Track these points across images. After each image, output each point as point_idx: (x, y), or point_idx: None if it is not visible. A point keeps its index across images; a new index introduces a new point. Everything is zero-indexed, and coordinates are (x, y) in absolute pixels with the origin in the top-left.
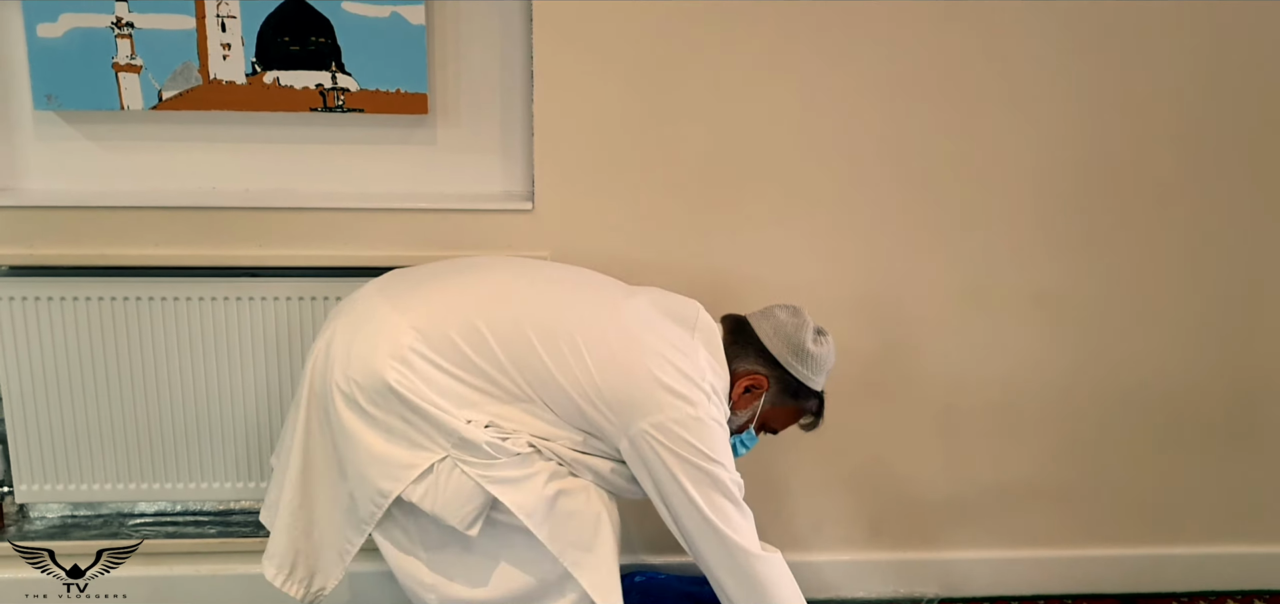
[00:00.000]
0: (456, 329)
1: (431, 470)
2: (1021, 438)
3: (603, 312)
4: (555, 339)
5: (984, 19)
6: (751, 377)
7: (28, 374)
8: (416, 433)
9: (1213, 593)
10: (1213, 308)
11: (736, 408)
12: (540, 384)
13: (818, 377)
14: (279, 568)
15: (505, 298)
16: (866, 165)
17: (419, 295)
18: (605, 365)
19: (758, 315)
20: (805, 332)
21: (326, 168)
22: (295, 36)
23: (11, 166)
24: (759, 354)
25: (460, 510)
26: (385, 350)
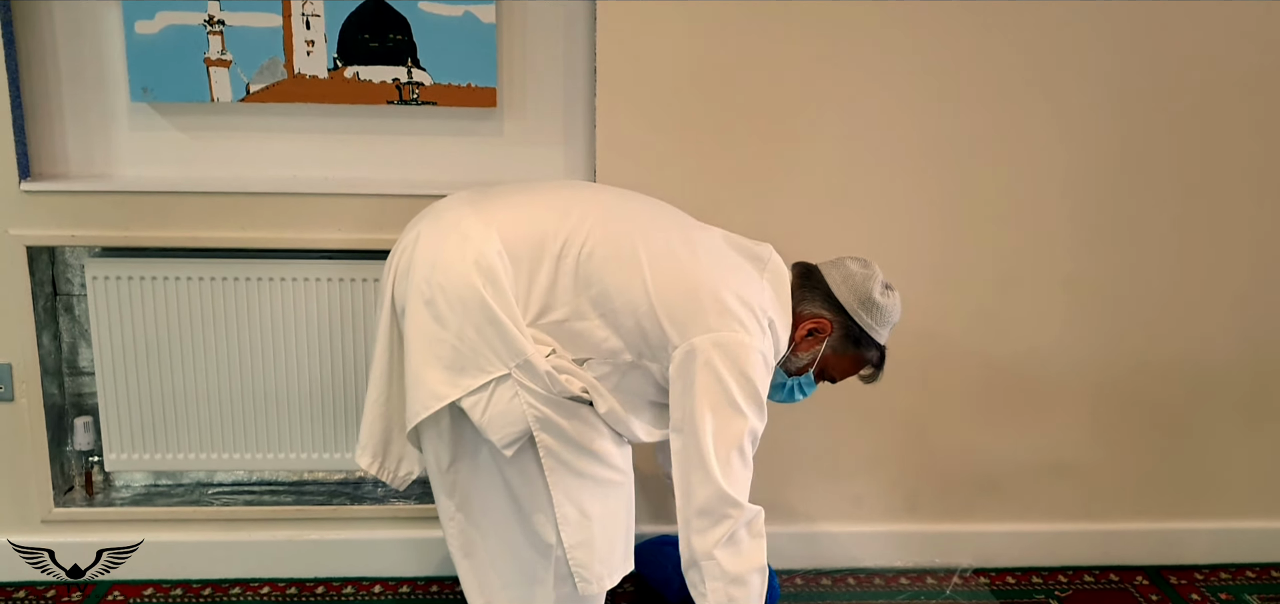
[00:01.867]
0: (536, 241)
1: (489, 386)
2: (1052, 416)
3: (674, 233)
4: (623, 252)
5: (1019, 20)
6: (816, 319)
7: (118, 349)
8: (485, 346)
9: (1235, 566)
10: (1236, 290)
11: (799, 350)
12: (603, 296)
13: (882, 328)
14: (373, 457)
15: (582, 214)
16: (908, 159)
17: (505, 207)
18: (669, 279)
19: (828, 264)
20: (874, 283)
21: (401, 157)
22: (374, 34)
23: (108, 155)
24: (826, 300)
25: (504, 430)
26: (471, 258)
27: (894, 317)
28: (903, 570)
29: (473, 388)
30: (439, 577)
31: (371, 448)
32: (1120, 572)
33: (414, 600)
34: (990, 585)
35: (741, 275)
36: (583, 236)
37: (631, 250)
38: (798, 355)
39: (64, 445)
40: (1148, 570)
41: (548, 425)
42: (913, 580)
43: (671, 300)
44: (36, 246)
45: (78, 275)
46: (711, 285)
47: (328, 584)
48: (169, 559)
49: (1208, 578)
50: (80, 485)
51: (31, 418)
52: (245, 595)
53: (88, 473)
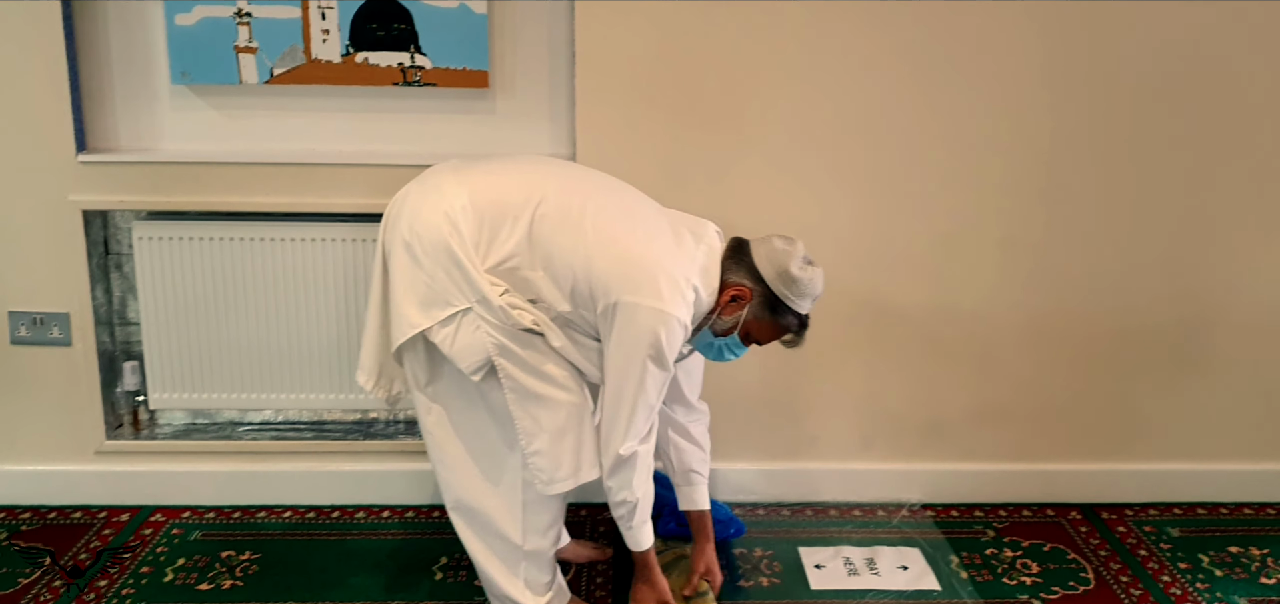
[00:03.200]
0: (501, 205)
1: (455, 318)
2: (993, 365)
3: (621, 209)
4: (571, 220)
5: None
6: (738, 288)
7: (161, 301)
8: (451, 284)
9: (1161, 504)
10: (1160, 247)
11: (723, 314)
12: (549, 258)
13: (800, 300)
14: (369, 376)
15: (545, 186)
16: (856, 133)
17: (480, 174)
18: (606, 248)
19: (758, 240)
20: (793, 258)
21: (405, 132)
22: (381, 23)
23: (152, 131)
24: (749, 271)
25: (470, 359)
26: (443, 211)
27: (813, 290)
28: (856, 504)
29: (441, 318)
30: (440, 504)
31: (369, 369)
32: (1056, 508)
33: (418, 524)
34: (935, 519)
35: (673, 249)
36: (539, 204)
37: (579, 220)
38: (722, 319)
39: (114, 387)
40: (1081, 507)
41: (506, 353)
42: (865, 513)
43: (605, 266)
44: (91, 210)
45: (126, 237)
46: (640, 256)
47: (343, 510)
48: (204, 486)
49: (1137, 514)
50: (128, 422)
51: (86, 362)
52: (270, 519)
53: (135, 411)
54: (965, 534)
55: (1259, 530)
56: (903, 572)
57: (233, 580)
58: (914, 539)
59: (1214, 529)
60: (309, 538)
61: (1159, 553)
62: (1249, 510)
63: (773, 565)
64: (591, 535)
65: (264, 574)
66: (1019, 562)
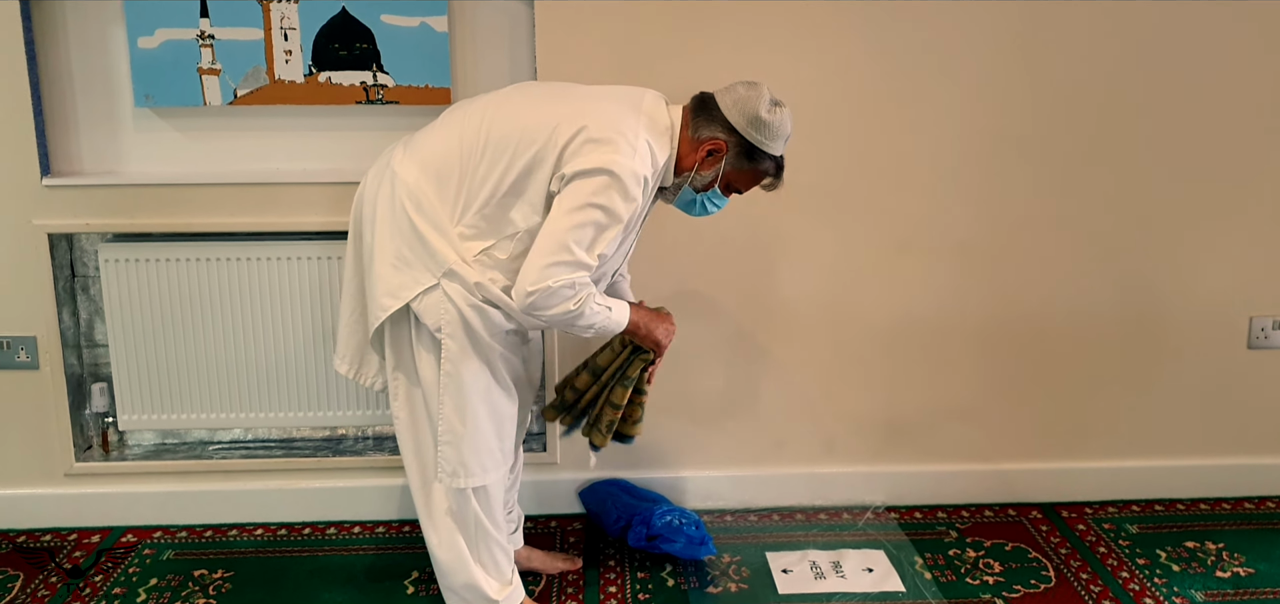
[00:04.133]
0: (448, 156)
1: (420, 296)
2: (953, 368)
3: (556, 92)
4: (512, 122)
5: (914, 13)
6: (713, 141)
7: (129, 322)
8: (416, 261)
9: (1120, 501)
10: (1112, 249)
11: (702, 169)
12: (505, 171)
13: (773, 142)
14: (349, 365)
15: (481, 116)
16: (815, 139)
17: (425, 137)
18: (549, 119)
19: (721, 90)
20: (761, 102)
21: (369, 149)
22: (344, 43)
23: (116, 153)
24: (720, 123)
25: (434, 322)
26: (402, 192)
27: (784, 130)
28: (821, 508)
29: (408, 298)
30: (411, 519)
31: (347, 358)
32: (1017, 508)
33: (389, 540)
34: (899, 520)
35: (615, 112)
36: (481, 132)
37: (516, 116)
38: (702, 174)
39: (83, 409)
40: (1042, 506)
41: (455, 333)
42: (830, 516)
43: (540, 142)
44: (56, 234)
45: (92, 259)
46: (571, 117)
47: (314, 526)
48: (175, 506)
49: (1096, 512)
50: (97, 443)
51: (54, 384)
52: (242, 537)
53: (104, 432)
54: (929, 535)
55: (1214, 525)
56: (868, 574)
57: (206, 599)
58: (879, 541)
59: (1171, 525)
60: (281, 555)
61: (1118, 549)
62: (1204, 505)
63: (740, 570)
64: (562, 546)
65: (237, 592)
66: (981, 561)
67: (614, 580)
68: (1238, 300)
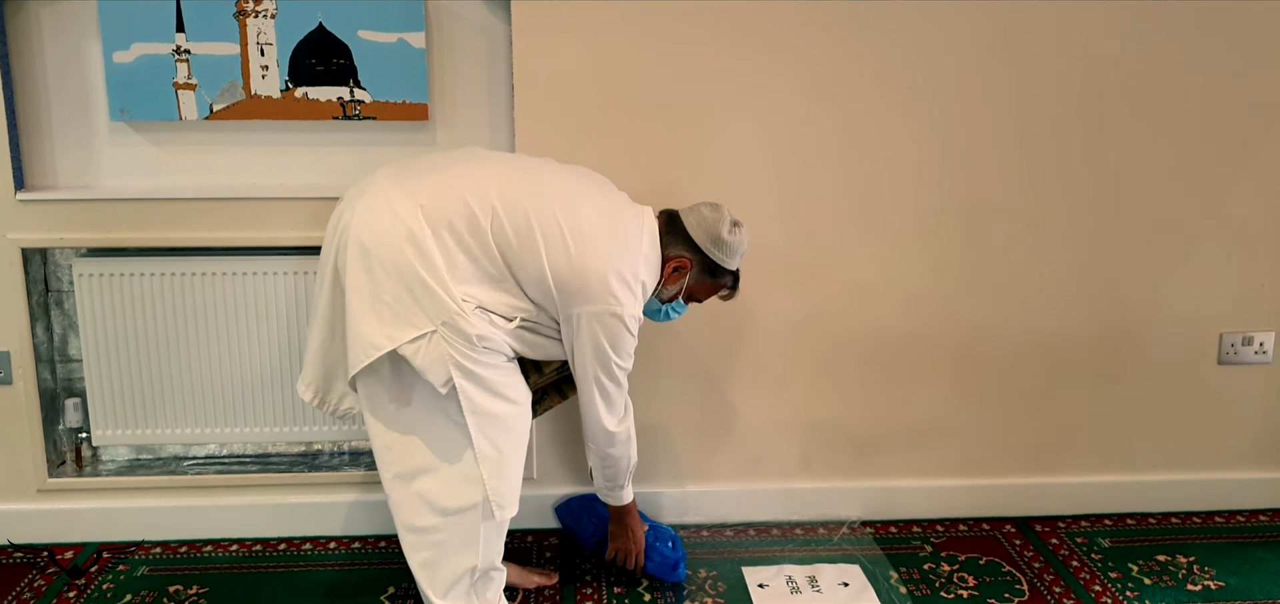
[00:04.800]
0: (453, 216)
1: (418, 341)
2: (927, 383)
3: (566, 209)
4: (523, 229)
5: (896, 33)
6: (679, 260)
7: (103, 337)
8: (416, 305)
9: (1092, 516)
10: (1083, 265)
11: (667, 284)
12: (509, 266)
13: (732, 259)
14: (315, 393)
15: (488, 190)
16: (787, 159)
17: (424, 185)
18: (561, 260)
19: (687, 210)
20: (722, 224)
21: (346, 165)
22: (320, 59)
23: (91, 168)
24: (685, 242)
25: (437, 374)
26: (402, 234)
27: (742, 248)
28: (797, 523)
29: (404, 341)
30: (386, 534)
31: (314, 385)
32: (991, 522)
33: (365, 555)
34: (874, 535)
35: (620, 250)
36: (492, 219)
37: (530, 229)
38: (667, 288)
39: (56, 424)
40: (1015, 520)
41: (467, 373)
42: (806, 532)
43: (562, 278)
44: (30, 248)
45: (66, 274)
46: (595, 268)
47: (289, 542)
48: (150, 523)
49: (1069, 526)
50: (71, 459)
51: (27, 400)
52: (217, 553)
53: (77, 448)
54: (904, 550)
55: (1185, 539)
56: (844, 588)
57: None
58: (854, 556)
59: (1143, 539)
60: (256, 571)
61: (1091, 563)
62: (1176, 519)
63: (717, 586)
64: (538, 561)
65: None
66: (956, 575)
67: (590, 596)
68: (1208, 316)
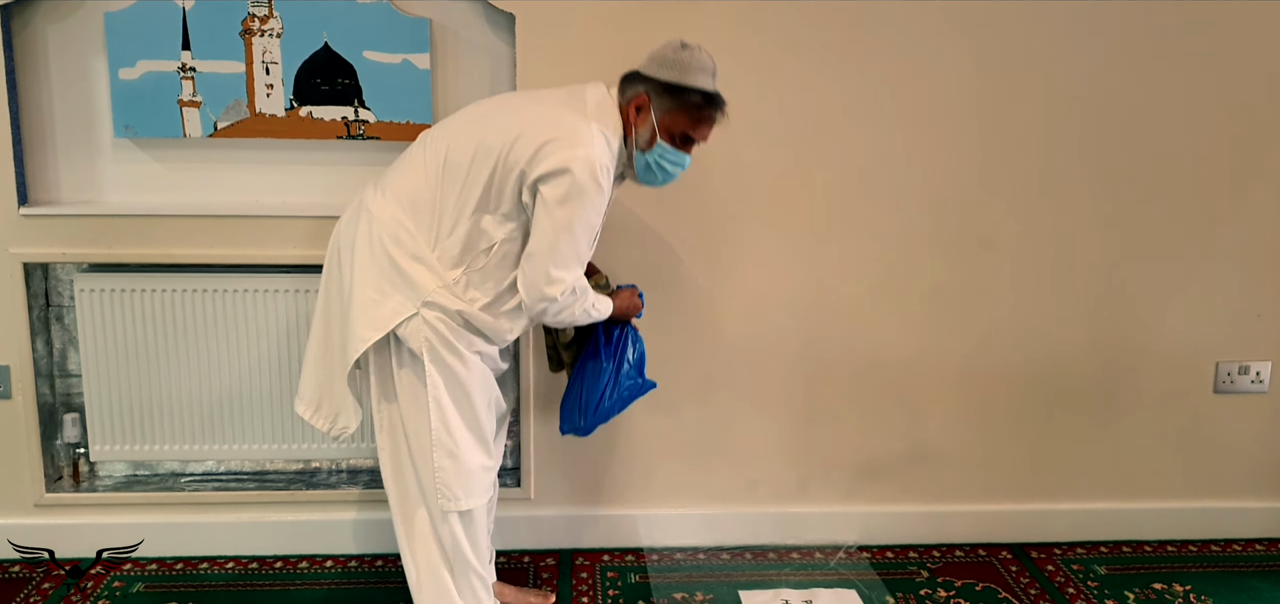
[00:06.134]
0: (419, 188)
1: (405, 321)
2: (925, 409)
3: (504, 108)
4: (470, 144)
5: (887, 63)
6: (637, 98)
7: (103, 353)
8: (396, 292)
9: (1088, 542)
10: (1081, 294)
11: (637, 128)
12: (467, 189)
13: (688, 75)
14: (312, 409)
15: (439, 142)
16: (791, 183)
17: (395, 173)
18: (510, 141)
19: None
20: (669, 46)
21: (349, 184)
22: (325, 78)
23: (94, 184)
24: (638, 79)
25: (419, 346)
26: (378, 231)
27: (698, 62)
28: (794, 547)
29: (389, 328)
30: (383, 553)
31: (309, 400)
32: (987, 548)
33: (361, 574)
34: (871, 559)
35: (566, 109)
36: (443, 156)
37: (472, 134)
38: (639, 132)
39: (54, 439)
40: (1012, 547)
41: (438, 360)
42: (803, 556)
43: (514, 156)
44: (32, 263)
45: (67, 289)
46: (543, 133)
47: (285, 560)
48: (146, 538)
49: (1065, 553)
50: (68, 474)
51: (26, 414)
52: (212, 570)
53: (75, 463)
54: (900, 575)
55: (1181, 567)
56: None
57: None
58: (851, 581)
59: (1139, 566)
60: (252, 588)
61: (1087, 590)
62: (1171, 547)
63: None
64: (534, 582)
65: None
66: (952, 600)
67: None
68: (1204, 345)
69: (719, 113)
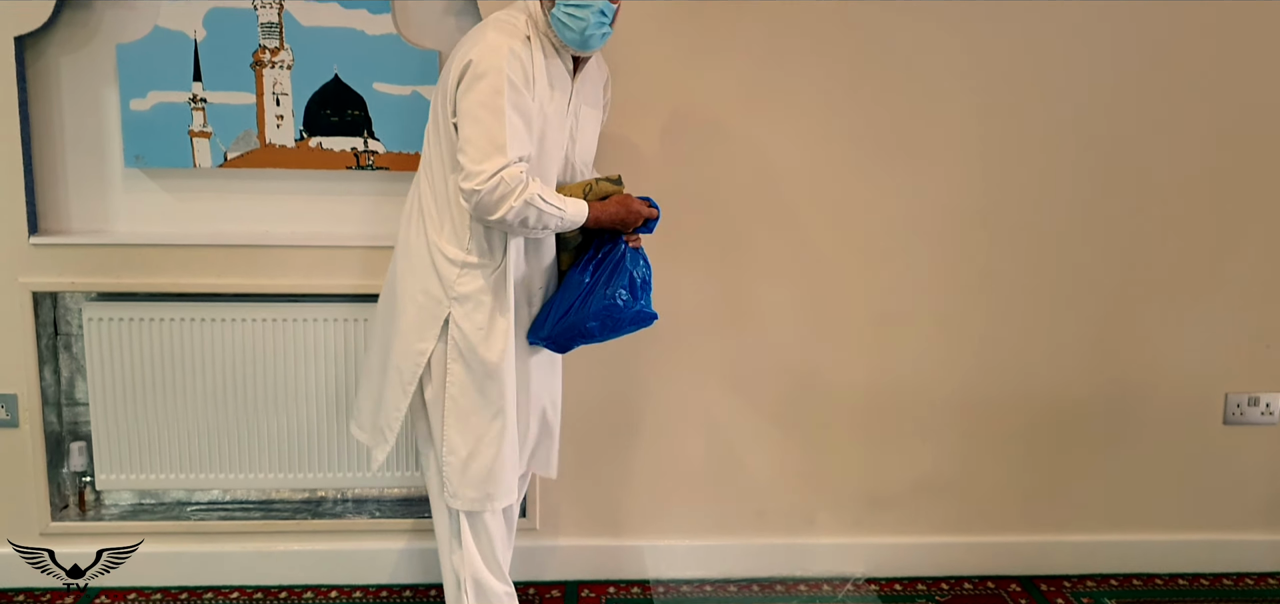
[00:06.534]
0: (426, 173)
1: (446, 323)
2: (933, 440)
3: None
4: (437, 101)
5: (890, 95)
6: None
7: (110, 381)
8: (432, 301)
9: (1098, 575)
10: (1089, 326)
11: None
12: (448, 145)
13: None
14: (362, 429)
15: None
16: (798, 214)
17: (415, 184)
18: (446, 75)
19: None
20: None
21: (358, 214)
22: (335, 110)
23: (104, 213)
24: None
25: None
26: (422, 240)
27: None
28: (801, 579)
29: (437, 331)
30: (389, 585)
31: (365, 424)
32: (996, 580)
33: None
34: (879, 592)
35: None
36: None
37: (438, 93)
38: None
39: (60, 467)
40: (1021, 579)
41: (461, 357)
42: (810, 588)
43: (448, 81)
44: (41, 292)
45: (76, 317)
46: (459, 51)
47: (291, 590)
48: (152, 568)
49: (1074, 586)
50: (74, 503)
51: (33, 442)
52: (218, 600)
53: (81, 491)
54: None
55: (1192, 600)
56: None
57: None
58: None
59: (1149, 599)
60: None
61: None
62: (1182, 580)
63: None
64: None
65: None
66: None
67: None
68: (1213, 377)
69: None
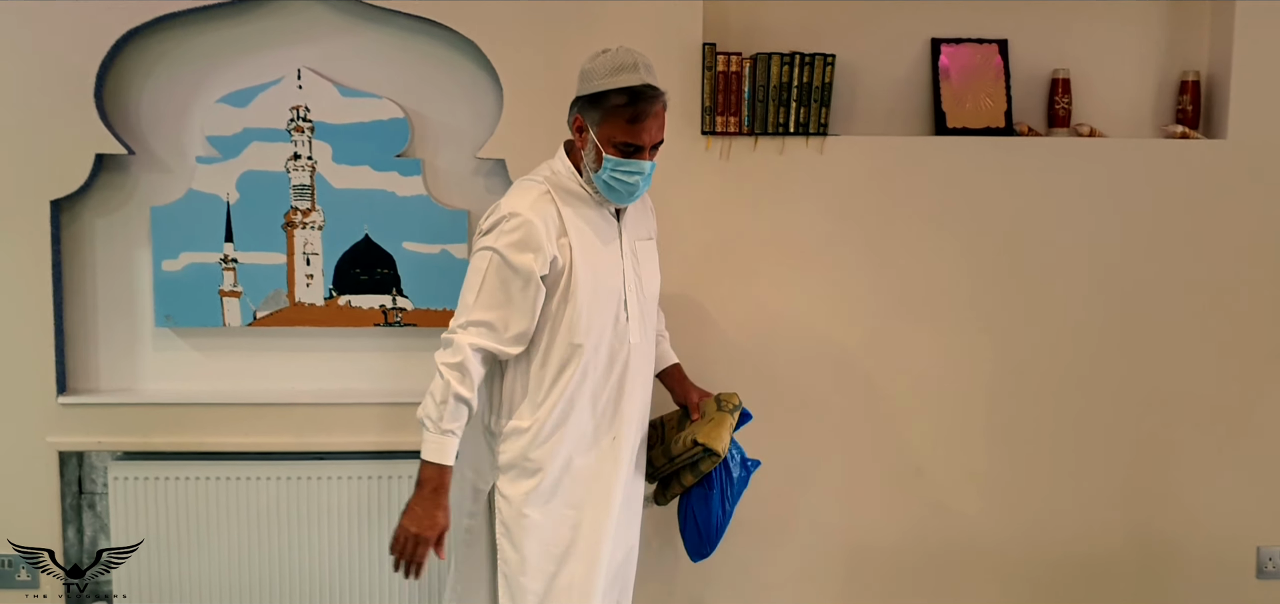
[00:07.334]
0: None
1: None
2: (967, 589)
3: None
4: None
5: (924, 251)
6: (575, 121)
7: (134, 540)
8: (480, 478)
9: None
10: (1118, 482)
11: (582, 148)
12: None
13: (605, 79)
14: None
15: None
16: (823, 363)
17: None
18: None
19: None
20: (589, 58)
21: (387, 371)
22: (365, 268)
23: (134, 372)
24: (573, 104)
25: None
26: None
27: (611, 64)
28: None
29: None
30: None
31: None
32: None
33: None
34: None
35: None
36: None
37: None
38: (586, 154)
39: None
40: None
41: (507, 534)
42: None
43: None
44: (67, 452)
45: (101, 476)
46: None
47: None
48: None
49: None
50: None
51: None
52: None
53: None
54: None
55: None
56: None
57: None
58: None
59: None
60: None
61: None
62: None
63: None
64: None
65: None
66: None
67: None
68: (1245, 530)
69: (651, 105)
